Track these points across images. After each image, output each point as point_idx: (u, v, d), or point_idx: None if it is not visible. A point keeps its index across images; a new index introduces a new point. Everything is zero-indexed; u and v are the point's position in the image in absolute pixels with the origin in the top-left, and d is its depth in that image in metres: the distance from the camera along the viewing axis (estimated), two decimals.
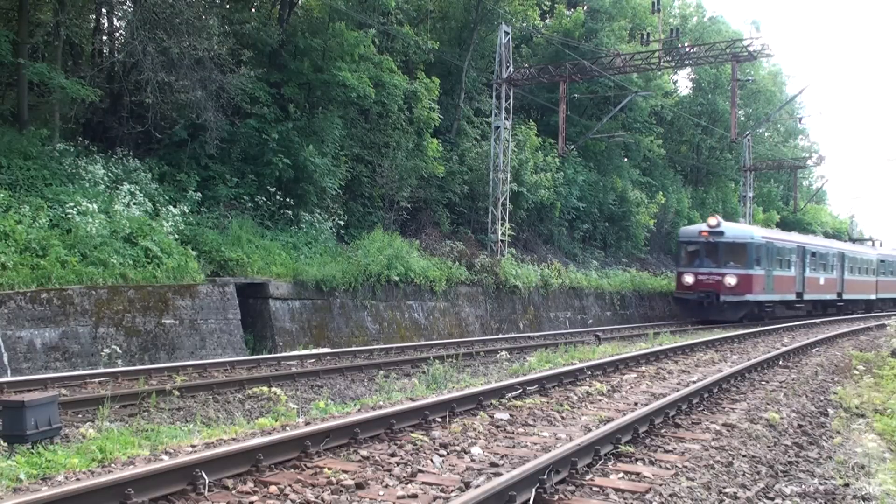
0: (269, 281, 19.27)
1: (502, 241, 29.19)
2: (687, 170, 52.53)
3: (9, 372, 12.79)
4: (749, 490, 6.59)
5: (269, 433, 7.47)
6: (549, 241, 35.83)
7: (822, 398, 12.25)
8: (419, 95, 27.91)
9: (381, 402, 9.84)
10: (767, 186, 58.94)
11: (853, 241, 51.70)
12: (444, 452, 7.23)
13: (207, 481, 5.80)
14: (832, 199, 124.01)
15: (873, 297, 44.99)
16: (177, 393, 9.10)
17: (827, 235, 55.25)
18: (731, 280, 30.10)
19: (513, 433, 8.25)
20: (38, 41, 20.77)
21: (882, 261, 46.62)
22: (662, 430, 8.65)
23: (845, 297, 40.37)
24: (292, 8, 27.05)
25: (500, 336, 24.22)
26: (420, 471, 6.55)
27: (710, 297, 30.17)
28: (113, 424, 8.34)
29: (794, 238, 36.58)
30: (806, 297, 35.72)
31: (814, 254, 36.62)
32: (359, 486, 6.01)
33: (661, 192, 43.14)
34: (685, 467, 6.97)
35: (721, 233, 30.88)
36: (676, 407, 9.66)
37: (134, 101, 21.01)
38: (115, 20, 23.62)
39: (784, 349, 18.18)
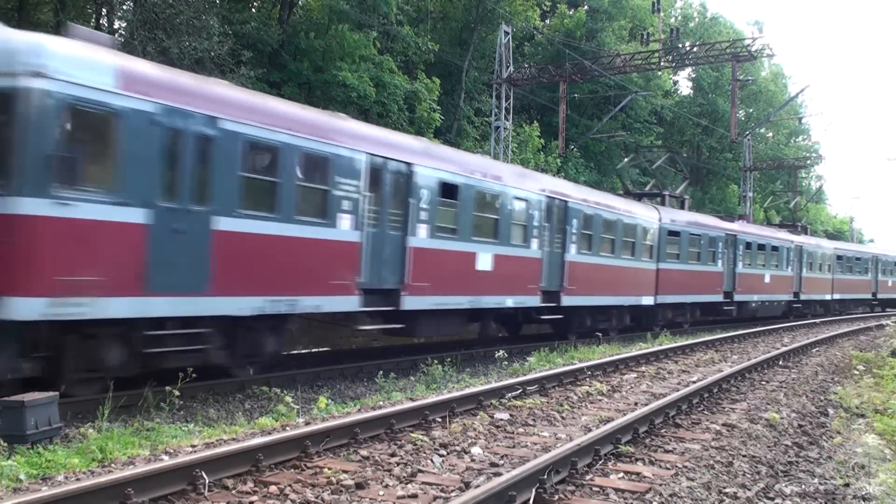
0: None
1: None
2: (687, 170, 52.52)
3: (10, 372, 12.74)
4: (749, 490, 6.59)
5: (269, 433, 7.47)
6: None
7: (822, 398, 12.26)
8: (420, 96, 27.93)
9: (381, 402, 9.84)
10: (771, 187, 58.96)
11: (639, 195, 27.75)
12: (444, 452, 7.23)
13: (207, 481, 5.79)
14: (832, 199, 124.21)
15: (651, 301, 23.76)
16: (177, 393, 9.08)
17: (828, 236, 54.07)
18: None
19: (513, 433, 8.25)
20: None
21: (695, 235, 26.05)
22: (662, 430, 8.65)
23: (568, 301, 19.24)
24: (292, 8, 27.06)
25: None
26: (420, 471, 6.55)
27: None
28: (113, 424, 8.33)
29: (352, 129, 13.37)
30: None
31: (449, 188, 14.98)
32: (359, 486, 6.01)
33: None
34: (685, 467, 6.97)
35: None
36: (676, 407, 9.67)
37: None
38: (115, 20, 23.65)
39: (784, 349, 18.20)
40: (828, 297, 38.76)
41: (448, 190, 15.00)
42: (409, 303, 13.94)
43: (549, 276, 18.46)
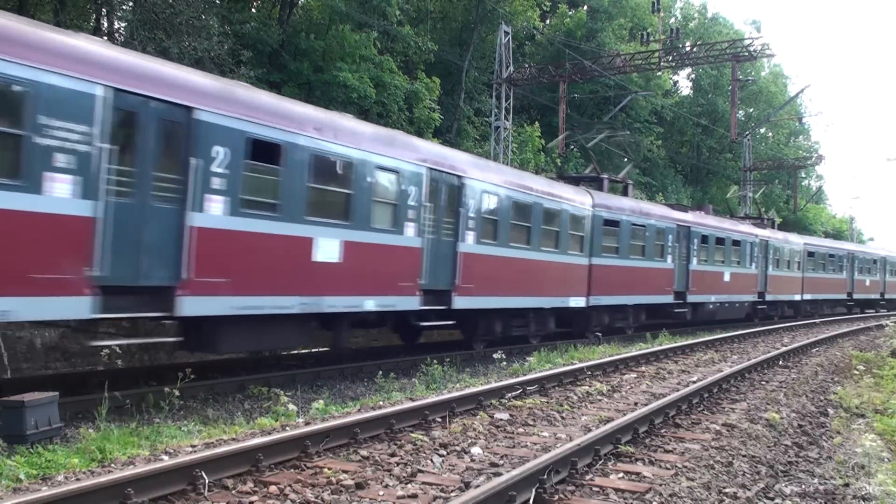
0: None
1: None
2: (687, 170, 52.57)
3: (9, 372, 12.78)
4: (749, 490, 6.59)
5: (269, 433, 7.47)
6: None
7: (822, 398, 12.27)
8: (420, 95, 27.95)
9: (381, 402, 9.84)
10: (770, 187, 58.96)
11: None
12: (444, 452, 7.23)
13: (207, 481, 5.80)
14: (832, 199, 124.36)
15: (581, 302, 20.02)
16: (177, 393, 9.09)
17: (827, 235, 53.75)
18: None
19: (513, 433, 8.26)
20: None
21: (639, 226, 22.44)
22: (662, 430, 8.65)
23: (463, 303, 15.37)
24: (292, 8, 27.08)
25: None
26: (420, 471, 6.56)
27: None
28: (113, 424, 8.34)
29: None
30: None
31: (266, 148, 11.06)
32: (359, 486, 6.01)
33: (660, 193, 43.21)
34: (685, 467, 6.97)
35: None
36: (676, 407, 9.67)
37: None
38: (115, 20, 23.67)
39: (784, 349, 18.21)
40: (797, 297, 34.94)
41: (264, 150, 10.97)
42: (192, 306, 9.95)
43: (434, 272, 14.32)
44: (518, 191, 17.18)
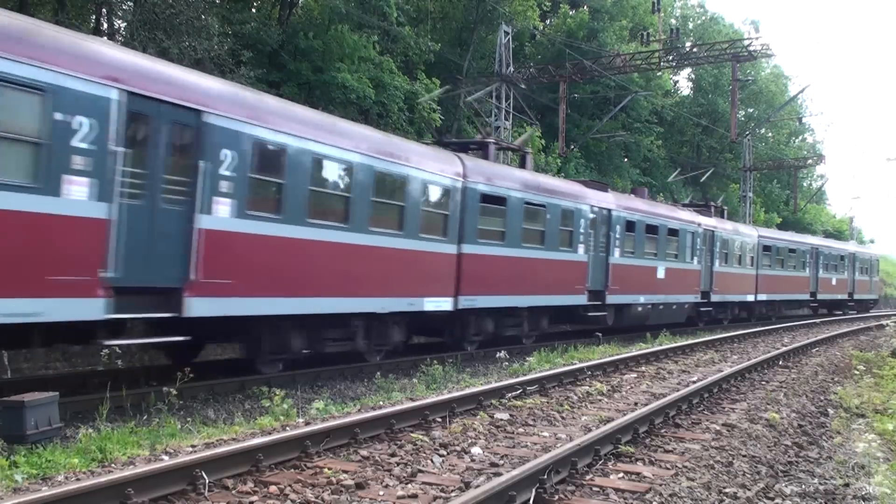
0: None
1: None
2: (687, 170, 52.58)
3: (9, 372, 12.77)
4: (749, 490, 6.59)
5: (269, 433, 7.47)
6: None
7: (822, 398, 12.27)
8: (419, 96, 27.94)
9: (381, 402, 9.84)
10: (769, 187, 58.94)
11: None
12: (444, 452, 7.23)
13: (207, 481, 5.80)
14: (832, 199, 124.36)
15: (447, 304, 15.25)
16: (174, 392, 9.08)
17: (827, 235, 53.81)
18: None
19: (513, 433, 8.26)
20: None
21: (536, 206, 17.62)
22: (662, 430, 8.65)
23: (209, 308, 10.26)
24: (292, 8, 27.08)
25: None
26: (420, 471, 6.56)
27: None
28: (112, 424, 8.34)
29: None
30: None
31: None
32: (359, 486, 6.01)
33: (660, 193, 43.24)
34: (685, 467, 6.97)
35: None
36: (676, 407, 9.68)
37: None
38: (115, 20, 23.67)
39: (784, 349, 18.22)
40: (750, 297, 30.41)
41: None
42: None
43: (142, 260, 9.34)
44: (323, 144, 12.02)
